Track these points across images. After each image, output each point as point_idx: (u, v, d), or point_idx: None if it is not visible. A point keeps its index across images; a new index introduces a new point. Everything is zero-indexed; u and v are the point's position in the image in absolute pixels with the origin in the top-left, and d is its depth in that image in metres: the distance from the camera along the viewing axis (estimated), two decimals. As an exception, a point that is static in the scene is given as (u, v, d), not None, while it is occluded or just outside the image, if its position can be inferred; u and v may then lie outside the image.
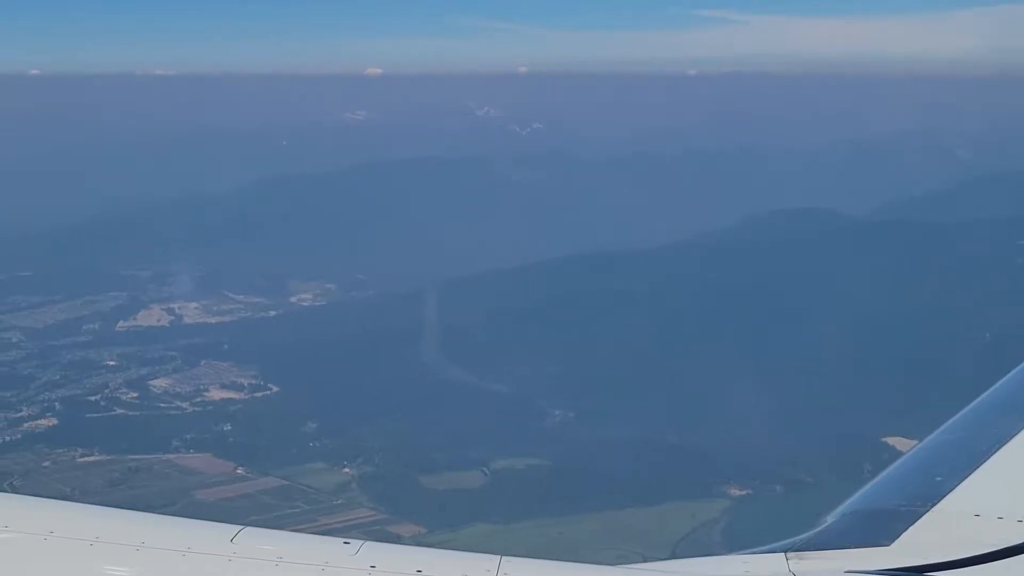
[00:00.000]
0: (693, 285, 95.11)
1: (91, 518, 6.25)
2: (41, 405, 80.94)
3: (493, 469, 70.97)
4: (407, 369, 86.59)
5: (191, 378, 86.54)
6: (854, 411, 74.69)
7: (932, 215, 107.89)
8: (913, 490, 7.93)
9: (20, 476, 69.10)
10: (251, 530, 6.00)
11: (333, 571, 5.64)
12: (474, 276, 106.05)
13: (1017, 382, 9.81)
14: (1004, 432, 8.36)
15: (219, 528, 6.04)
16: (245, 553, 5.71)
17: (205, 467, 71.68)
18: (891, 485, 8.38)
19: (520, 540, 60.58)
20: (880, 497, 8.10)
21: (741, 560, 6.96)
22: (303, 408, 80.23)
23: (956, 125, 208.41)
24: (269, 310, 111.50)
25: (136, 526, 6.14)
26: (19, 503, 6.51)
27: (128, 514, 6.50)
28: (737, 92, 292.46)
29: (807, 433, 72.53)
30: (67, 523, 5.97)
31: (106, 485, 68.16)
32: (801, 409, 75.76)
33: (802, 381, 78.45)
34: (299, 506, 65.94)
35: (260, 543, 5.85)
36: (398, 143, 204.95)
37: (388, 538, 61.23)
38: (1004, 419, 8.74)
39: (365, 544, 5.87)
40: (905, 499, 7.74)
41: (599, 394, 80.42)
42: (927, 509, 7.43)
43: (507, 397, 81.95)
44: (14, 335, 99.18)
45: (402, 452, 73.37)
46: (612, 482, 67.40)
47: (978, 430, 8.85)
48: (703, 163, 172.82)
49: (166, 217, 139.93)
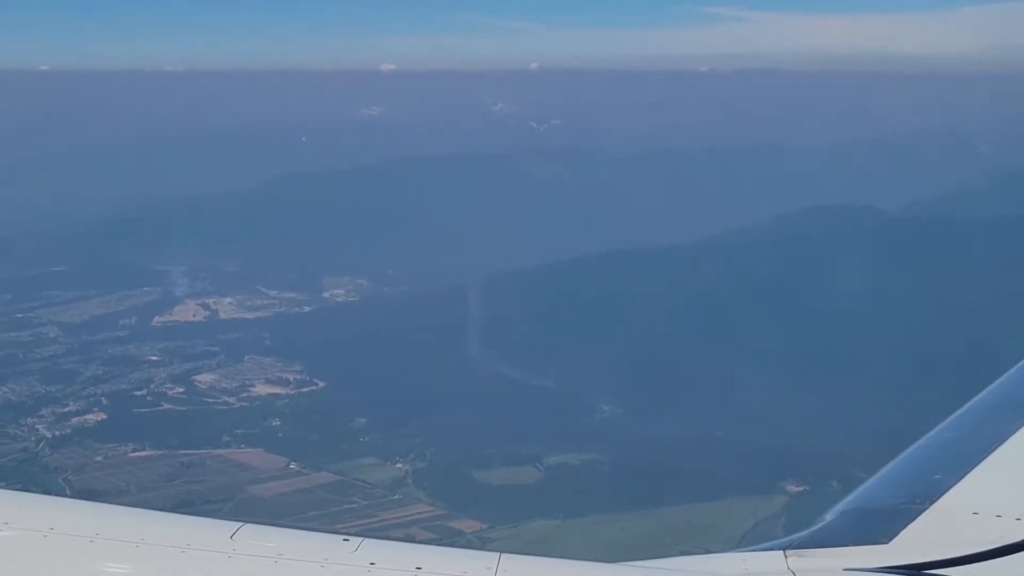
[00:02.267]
0: (734, 281, 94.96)
1: (90, 515, 6.19)
2: (87, 400, 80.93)
3: (546, 465, 70.83)
4: (450, 364, 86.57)
5: (236, 373, 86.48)
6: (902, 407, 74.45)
7: (969, 211, 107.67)
8: (912, 488, 7.88)
9: (74, 471, 69.15)
10: (250, 526, 5.97)
11: (332, 568, 5.62)
12: (509, 272, 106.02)
13: (1016, 380, 9.81)
14: (1003, 430, 8.34)
15: (218, 525, 6.02)
16: (244, 550, 5.70)
17: (257, 462, 71.54)
18: (889, 483, 8.34)
19: (582, 536, 60.63)
20: (878, 495, 8.10)
21: (740, 558, 6.94)
22: (350, 403, 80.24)
23: (975, 122, 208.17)
24: (303, 305, 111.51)
25: (135, 523, 6.12)
26: (18, 500, 6.45)
27: (127, 511, 6.54)
28: (751, 89, 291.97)
29: (856, 429, 72.29)
30: (67, 520, 5.94)
31: (161, 480, 68.09)
32: (849, 405, 75.61)
33: (850, 376, 78.32)
34: (356, 501, 65.79)
35: (259, 540, 5.83)
36: (417, 139, 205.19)
37: (449, 534, 61.50)
38: (1003, 417, 8.73)
39: (365, 541, 5.84)
40: (903, 497, 7.71)
41: (645, 390, 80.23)
42: (925, 507, 7.40)
43: (553, 393, 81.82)
44: (51, 330, 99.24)
45: (453, 448, 73.23)
46: (668, 478, 67.25)
47: (977, 428, 8.84)
48: (725, 160, 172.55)
49: (194, 213, 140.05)
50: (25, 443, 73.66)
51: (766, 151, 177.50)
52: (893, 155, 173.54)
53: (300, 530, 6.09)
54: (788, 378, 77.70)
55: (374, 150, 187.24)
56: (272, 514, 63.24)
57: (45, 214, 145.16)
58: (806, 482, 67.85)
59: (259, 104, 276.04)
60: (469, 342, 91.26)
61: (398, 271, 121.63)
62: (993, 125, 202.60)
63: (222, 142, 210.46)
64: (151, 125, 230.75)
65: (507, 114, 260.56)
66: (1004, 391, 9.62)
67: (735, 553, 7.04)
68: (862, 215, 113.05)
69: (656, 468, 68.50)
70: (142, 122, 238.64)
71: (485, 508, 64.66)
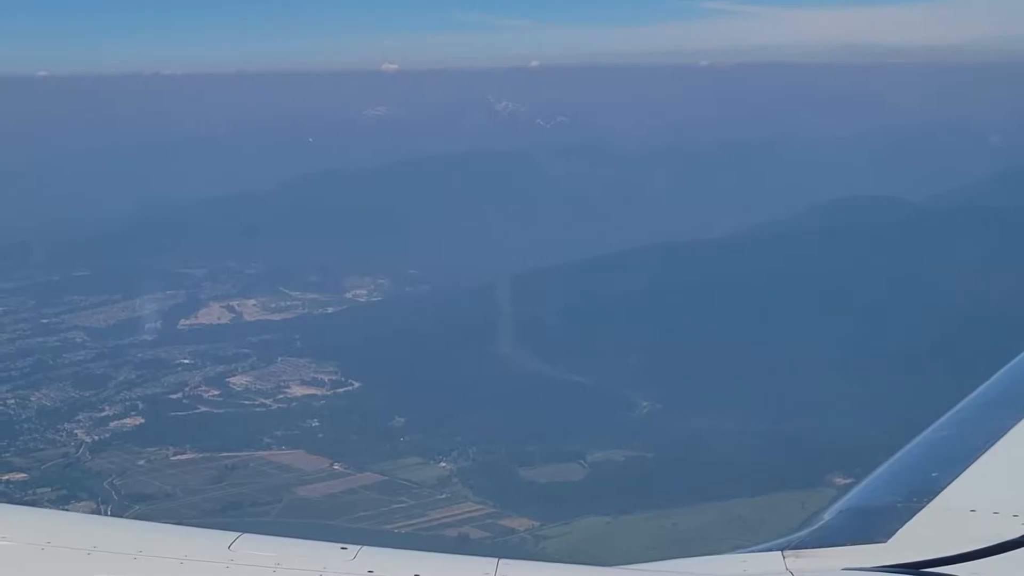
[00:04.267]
0: (775, 273, 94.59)
1: (88, 527, 6.28)
2: (123, 404, 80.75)
3: (591, 461, 70.66)
4: (483, 362, 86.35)
5: (270, 375, 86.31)
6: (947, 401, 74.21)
7: (998, 201, 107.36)
8: (909, 486, 7.88)
9: (118, 475, 68.99)
10: (248, 536, 5.99)
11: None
12: (538, 269, 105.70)
13: (1012, 376, 9.78)
14: (1000, 427, 8.31)
15: (216, 535, 6.04)
16: (242, 560, 5.72)
17: (300, 463, 71.38)
18: (887, 481, 8.35)
19: (635, 532, 60.50)
20: (876, 494, 8.10)
21: (739, 559, 6.93)
22: (387, 403, 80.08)
23: (982, 112, 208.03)
24: (327, 306, 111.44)
25: (133, 534, 6.18)
26: (15, 513, 6.53)
27: (125, 523, 6.81)
28: (755, 83, 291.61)
29: (902, 422, 71.88)
30: (65, 532, 5.96)
31: (206, 483, 67.95)
32: (893, 397, 75.26)
33: (894, 368, 78.03)
34: (404, 501, 65.66)
35: (257, 550, 5.87)
36: (426, 138, 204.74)
37: (503, 532, 61.42)
38: (1000, 414, 8.69)
39: (363, 549, 5.86)
40: (901, 495, 7.68)
41: (684, 385, 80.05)
42: (923, 505, 7.38)
43: (590, 389, 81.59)
44: (78, 335, 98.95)
45: (495, 446, 73.09)
46: (714, 473, 67.01)
47: (974, 425, 8.83)
48: (741, 153, 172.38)
49: (210, 215, 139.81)
50: (65, 448, 73.46)
51: (781, 144, 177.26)
52: (907, 146, 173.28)
53: (298, 539, 6.11)
54: (831, 370, 77.36)
55: (384, 150, 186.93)
56: (323, 515, 63.34)
57: (57, 219, 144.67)
58: (852, 475, 67.55)
59: (261, 105, 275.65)
60: (500, 340, 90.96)
61: (420, 270, 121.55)
62: (1000, 115, 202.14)
63: (227, 144, 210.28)
64: (153, 129, 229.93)
65: (512, 112, 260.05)
66: (1000, 387, 9.59)
67: (734, 554, 7.05)
68: (893, 207, 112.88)
69: (701, 463, 68.32)
70: (144, 126, 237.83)
71: (535, 506, 64.52)
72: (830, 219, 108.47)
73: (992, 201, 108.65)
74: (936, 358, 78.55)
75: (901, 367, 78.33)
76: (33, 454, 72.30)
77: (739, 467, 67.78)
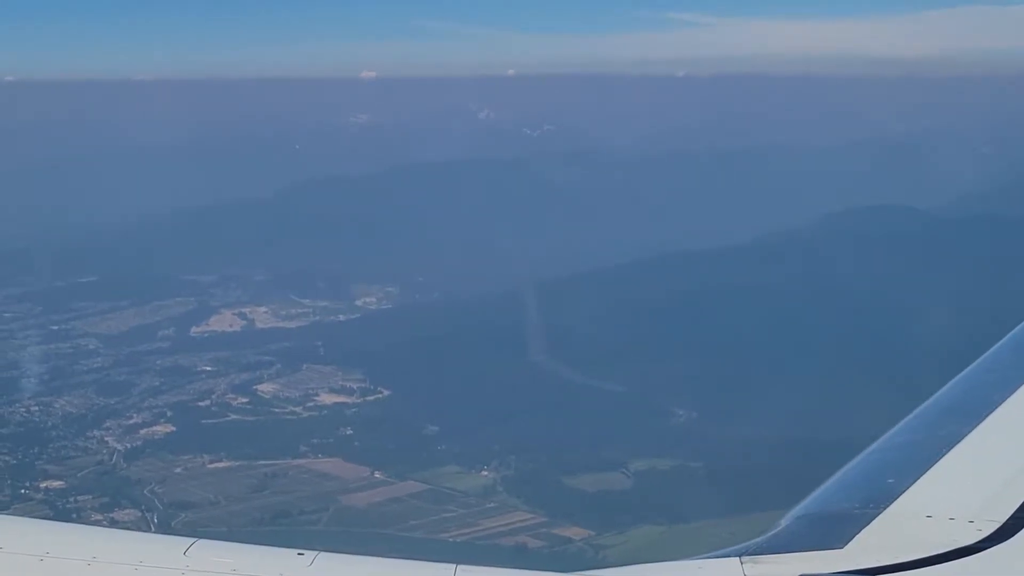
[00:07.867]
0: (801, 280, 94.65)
1: (39, 533, 6.32)
2: (151, 412, 79.50)
3: (634, 470, 70.07)
4: (511, 371, 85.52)
5: (297, 383, 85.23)
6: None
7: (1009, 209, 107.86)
8: (865, 492, 7.95)
9: (158, 483, 67.88)
10: (204, 542, 6.03)
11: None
12: (554, 279, 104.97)
13: (967, 382, 10.04)
14: (955, 433, 8.46)
15: (172, 541, 6.10)
16: (198, 566, 5.73)
17: (339, 472, 70.49)
18: (843, 488, 8.41)
19: (692, 541, 59.82)
20: (833, 500, 8.18)
21: (696, 565, 7.03)
22: (419, 411, 79.26)
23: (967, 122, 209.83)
24: (338, 314, 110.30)
25: (87, 540, 6.17)
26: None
27: (78, 528, 6.73)
28: (737, 93, 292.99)
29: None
30: (15, 537, 5.93)
31: (249, 491, 67.05)
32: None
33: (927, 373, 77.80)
34: (452, 510, 64.92)
35: (213, 555, 5.87)
36: (413, 146, 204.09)
37: (559, 541, 60.81)
38: (955, 420, 8.86)
39: (320, 555, 5.89)
40: (858, 501, 7.77)
41: (718, 392, 79.68)
42: (880, 511, 7.46)
43: (623, 397, 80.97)
44: (90, 342, 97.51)
45: (534, 454, 72.42)
46: (761, 480, 66.43)
47: (929, 431, 8.94)
48: (734, 161, 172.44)
49: (211, 222, 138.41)
50: (98, 456, 72.25)
51: (773, 154, 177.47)
52: (899, 156, 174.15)
53: (254, 545, 6.10)
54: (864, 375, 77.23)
55: (374, 157, 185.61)
56: (373, 524, 62.48)
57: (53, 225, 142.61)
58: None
59: (242, 113, 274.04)
60: (526, 348, 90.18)
61: (428, 278, 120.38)
62: (986, 126, 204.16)
63: (213, 151, 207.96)
64: (131, 136, 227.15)
65: (495, 120, 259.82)
66: (955, 394, 9.79)
67: (691, 560, 7.13)
68: (906, 215, 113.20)
69: (748, 471, 67.85)
70: (121, 132, 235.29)
71: (586, 515, 63.88)
72: (848, 227, 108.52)
73: (1004, 210, 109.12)
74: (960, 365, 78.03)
75: (936, 372, 78.00)
76: (66, 462, 71.01)
77: (786, 474, 67.03)
